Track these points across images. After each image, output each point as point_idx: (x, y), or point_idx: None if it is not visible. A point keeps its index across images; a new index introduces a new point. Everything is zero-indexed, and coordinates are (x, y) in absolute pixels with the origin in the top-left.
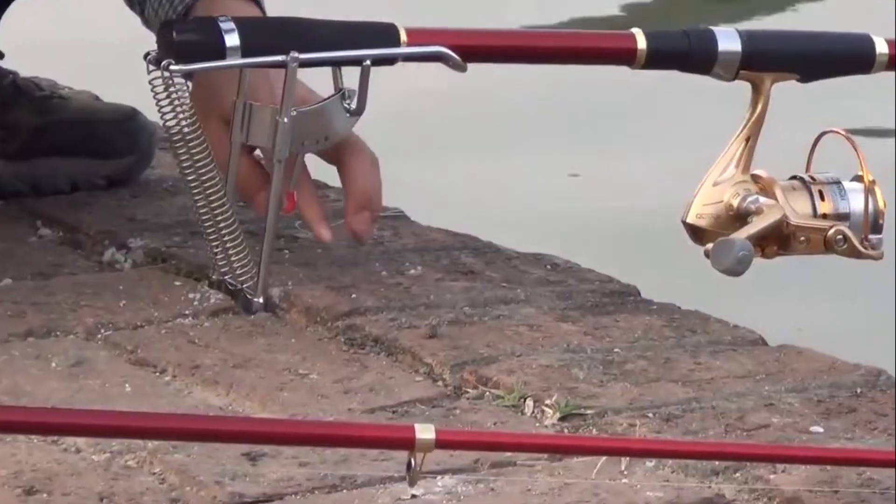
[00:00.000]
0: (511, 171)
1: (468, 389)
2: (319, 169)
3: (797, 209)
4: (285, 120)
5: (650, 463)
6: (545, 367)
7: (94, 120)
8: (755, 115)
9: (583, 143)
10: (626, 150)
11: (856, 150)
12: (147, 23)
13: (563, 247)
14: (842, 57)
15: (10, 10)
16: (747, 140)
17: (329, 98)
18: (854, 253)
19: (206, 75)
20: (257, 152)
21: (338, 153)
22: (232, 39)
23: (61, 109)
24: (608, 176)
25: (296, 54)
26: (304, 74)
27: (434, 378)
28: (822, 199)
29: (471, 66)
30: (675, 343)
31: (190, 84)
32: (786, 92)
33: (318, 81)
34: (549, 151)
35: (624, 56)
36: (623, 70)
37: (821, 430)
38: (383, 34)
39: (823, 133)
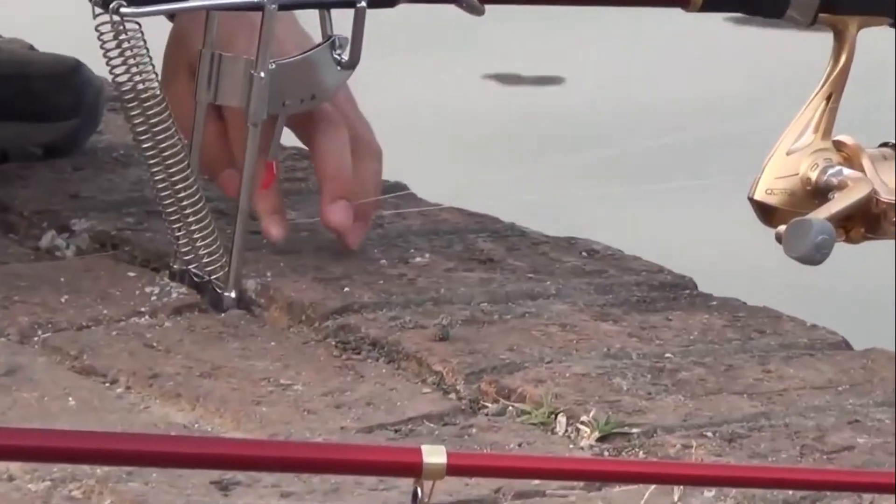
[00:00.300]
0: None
1: (487, 403)
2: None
3: (889, 183)
4: (262, 74)
5: (709, 493)
6: (581, 377)
7: (26, 74)
8: (838, 68)
9: None
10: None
11: None
12: None
13: (602, 230)
14: None
15: None
16: (828, 99)
17: (316, 47)
18: None
19: (175, 20)
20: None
21: (307, 126)
22: None
23: None
24: None
25: None
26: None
27: (445, 390)
28: None
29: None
30: (739, 346)
31: (143, 31)
32: (874, 40)
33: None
34: None
35: None
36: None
37: None
38: None
39: None
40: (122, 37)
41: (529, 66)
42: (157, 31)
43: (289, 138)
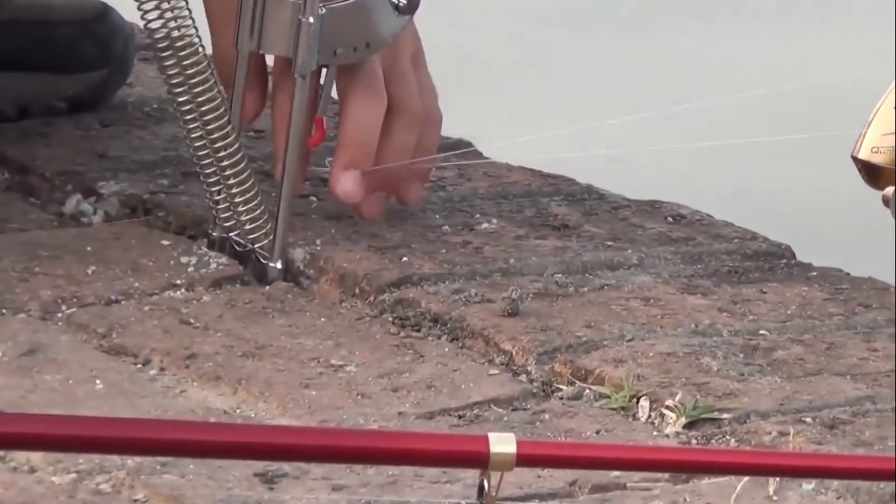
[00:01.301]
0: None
1: (561, 386)
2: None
3: None
4: (311, 19)
5: (808, 485)
6: (666, 356)
7: (48, 20)
8: None
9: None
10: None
11: None
12: None
13: (689, 192)
14: None
15: None
16: None
17: None
18: None
19: None
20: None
21: (343, 82)
22: None
23: (3, 7)
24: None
25: None
26: None
27: (515, 371)
28: None
29: None
30: (842, 322)
31: None
32: None
33: None
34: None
35: None
36: None
37: None
38: None
39: None
40: None
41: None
42: None
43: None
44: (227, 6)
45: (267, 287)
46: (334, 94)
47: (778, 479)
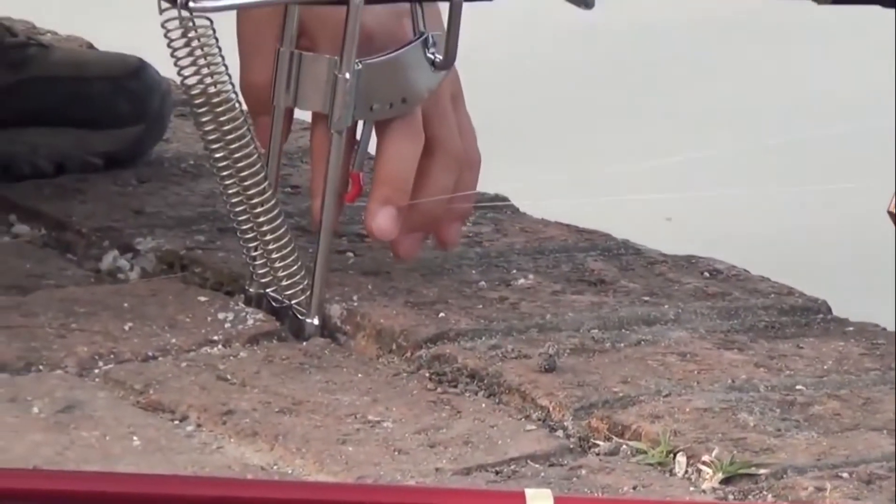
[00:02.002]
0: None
1: (598, 441)
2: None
3: None
4: (347, 75)
5: None
6: (702, 411)
7: (85, 76)
8: None
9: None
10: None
11: None
12: None
13: (726, 247)
14: None
15: None
16: None
17: (407, 45)
18: None
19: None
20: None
21: (380, 125)
22: None
23: (41, 62)
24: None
25: None
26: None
27: (552, 426)
28: None
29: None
30: (878, 377)
31: (214, 28)
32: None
33: None
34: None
35: None
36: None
37: None
38: None
39: None
40: (192, 34)
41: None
42: (229, 28)
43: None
44: (259, 35)
45: (304, 343)
46: (371, 149)
47: None
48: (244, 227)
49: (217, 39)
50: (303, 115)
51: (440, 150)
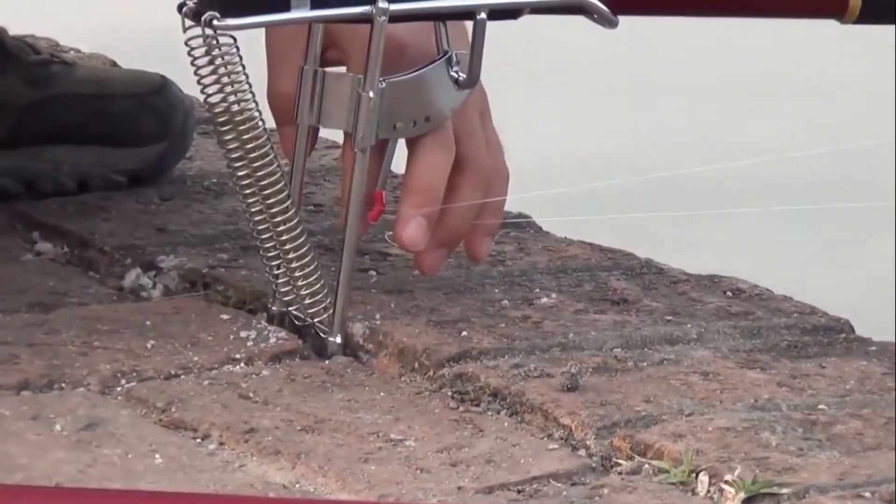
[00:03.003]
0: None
1: (620, 461)
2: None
3: None
4: (371, 94)
5: None
6: (725, 430)
7: (109, 94)
8: None
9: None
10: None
11: None
12: None
13: (747, 267)
14: None
15: None
16: None
17: (431, 64)
18: None
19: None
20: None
21: (410, 140)
22: None
23: (64, 80)
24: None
25: (384, 3)
26: None
27: (574, 445)
28: None
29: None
30: None
31: (238, 46)
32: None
33: None
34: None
35: (832, 5)
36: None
37: None
38: None
39: None
40: (215, 52)
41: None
42: (253, 46)
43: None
44: (287, 44)
45: (326, 361)
46: (394, 167)
47: None
48: (267, 245)
49: (241, 57)
50: (326, 132)
51: (469, 167)
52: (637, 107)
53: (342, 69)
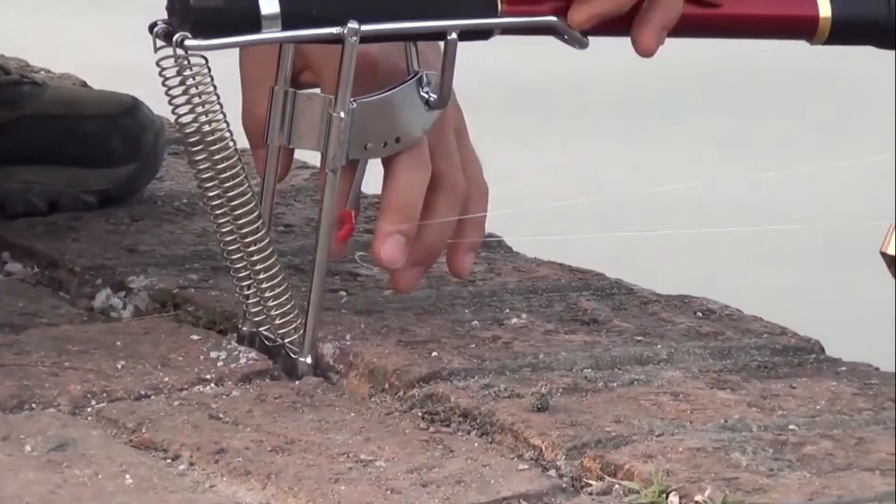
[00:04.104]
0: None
1: (590, 481)
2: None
3: None
4: (342, 114)
5: None
6: (695, 451)
7: (79, 114)
8: None
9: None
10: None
11: None
12: None
13: (718, 287)
14: None
15: None
16: None
17: (401, 85)
18: None
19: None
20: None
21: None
22: (269, 4)
23: (35, 100)
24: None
25: (355, 24)
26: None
27: (544, 466)
28: None
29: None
30: (871, 417)
31: (209, 67)
32: None
33: None
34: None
35: (801, 26)
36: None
37: None
38: None
39: None
40: (187, 73)
41: None
42: (224, 65)
43: (369, 185)
44: (262, 66)
45: (297, 382)
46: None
47: None
48: (237, 265)
49: (212, 78)
50: (299, 153)
51: (444, 185)
52: (607, 126)
53: (315, 90)
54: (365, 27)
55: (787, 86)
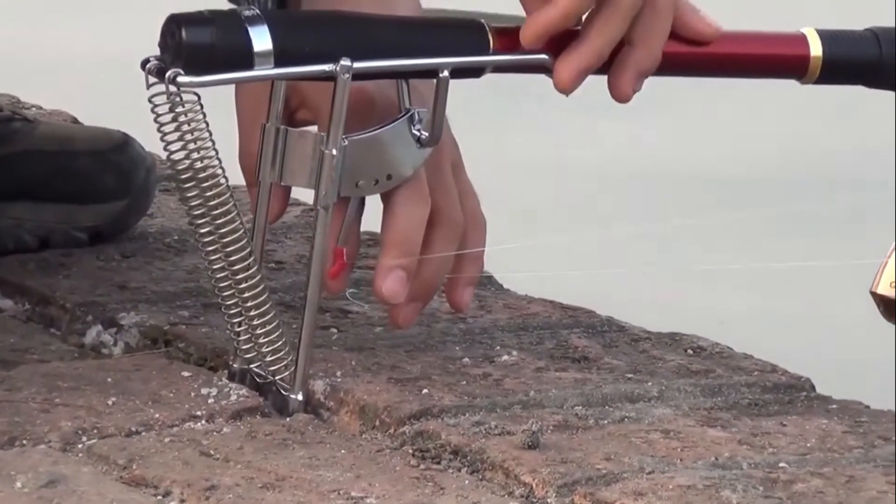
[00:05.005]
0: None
1: None
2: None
3: None
4: (333, 151)
5: None
6: (686, 489)
7: (70, 151)
8: None
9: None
10: None
11: None
12: (237, 2)
13: (708, 325)
14: None
15: None
16: None
17: (393, 122)
18: None
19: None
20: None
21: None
22: (262, 41)
23: (26, 136)
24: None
25: (347, 62)
26: None
27: (535, 503)
28: None
29: None
30: (861, 455)
31: (202, 104)
32: None
33: None
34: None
35: (792, 65)
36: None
37: None
38: (467, 34)
39: None
40: (179, 109)
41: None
42: (217, 102)
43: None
44: (258, 104)
45: (287, 419)
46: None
47: None
48: (228, 302)
49: (204, 115)
50: (295, 192)
51: (441, 220)
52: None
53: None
54: (357, 64)
55: None
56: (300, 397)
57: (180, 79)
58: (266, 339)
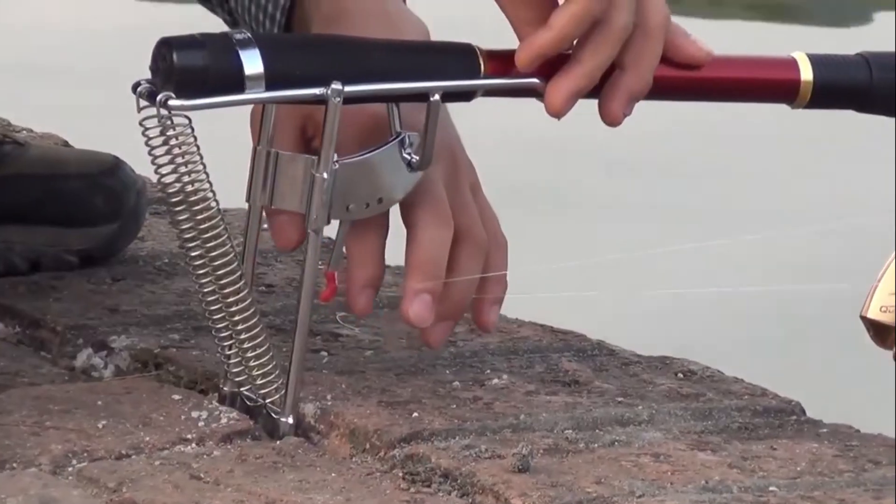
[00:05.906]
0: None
1: None
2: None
3: None
4: (324, 175)
5: None
6: None
7: (61, 174)
8: None
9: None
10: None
11: None
12: (235, 25)
13: (699, 348)
14: None
15: None
16: None
17: (384, 146)
18: None
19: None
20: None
21: (408, 211)
22: (253, 65)
23: (16, 160)
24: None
25: (338, 85)
26: None
27: None
28: None
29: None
30: (852, 479)
31: (193, 127)
32: None
33: None
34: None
35: (783, 90)
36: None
37: None
38: (458, 58)
39: None
40: (170, 132)
41: None
42: (208, 125)
43: None
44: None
45: (278, 442)
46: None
47: None
48: (219, 325)
49: (195, 138)
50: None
51: (465, 239)
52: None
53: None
54: (348, 88)
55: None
56: (290, 420)
57: (171, 102)
58: (256, 363)
